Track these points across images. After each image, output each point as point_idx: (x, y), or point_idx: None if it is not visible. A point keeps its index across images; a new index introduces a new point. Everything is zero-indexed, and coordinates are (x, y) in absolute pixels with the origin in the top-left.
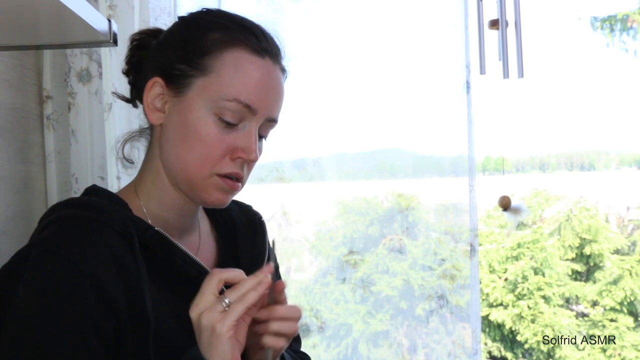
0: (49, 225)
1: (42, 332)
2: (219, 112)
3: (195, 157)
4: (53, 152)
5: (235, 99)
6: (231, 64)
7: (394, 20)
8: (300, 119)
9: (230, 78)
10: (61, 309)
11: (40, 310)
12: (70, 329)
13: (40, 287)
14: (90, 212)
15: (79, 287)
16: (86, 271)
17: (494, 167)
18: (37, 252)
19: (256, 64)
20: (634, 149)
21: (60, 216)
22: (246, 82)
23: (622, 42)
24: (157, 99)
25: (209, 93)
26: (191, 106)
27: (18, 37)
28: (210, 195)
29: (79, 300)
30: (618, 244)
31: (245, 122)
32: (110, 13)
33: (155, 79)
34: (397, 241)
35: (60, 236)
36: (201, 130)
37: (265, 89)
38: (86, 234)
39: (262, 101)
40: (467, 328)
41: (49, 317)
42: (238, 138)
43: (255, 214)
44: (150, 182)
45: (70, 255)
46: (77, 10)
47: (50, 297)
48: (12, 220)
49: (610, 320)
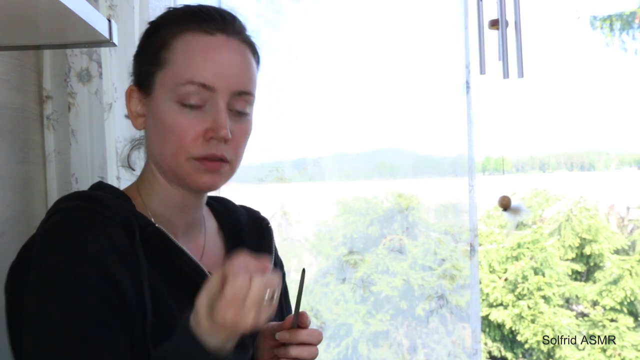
0: (52, 216)
1: (58, 314)
2: (179, 99)
3: (170, 148)
4: (53, 152)
5: (189, 81)
6: (181, 50)
7: (394, 20)
8: (300, 119)
9: (181, 63)
10: (70, 289)
11: (52, 294)
12: (81, 304)
13: (47, 273)
14: (93, 205)
15: (84, 270)
16: (89, 256)
17: (494, 167)
18: (42, 241)
19: (205, 43)
20: (634, 148)
21: (64, 207)
22: (197, 63)
23: (622, 42)
24: (137, 105)
25: (168, 84)
26: (158, 102)
27: (18, 37)
28: (196, 180)
29: (86, 280)
30: (618, 244)
31: (210, 102)
32: (110, 13)
33: (130, 87)
34: (397, 241)
35: (63, 226)
36: (168, 121)
37: (218, 65)
38: (89, 224)
39: (218, 77)
40: (467, 328)
41: (60, 301)
42: (206, 119)
43: (263, 220)
44: (148, 183)
45: (72, 244)
46: (77, 10)
47: (58, 281)
48: (12, 220)
49: (610, 320)
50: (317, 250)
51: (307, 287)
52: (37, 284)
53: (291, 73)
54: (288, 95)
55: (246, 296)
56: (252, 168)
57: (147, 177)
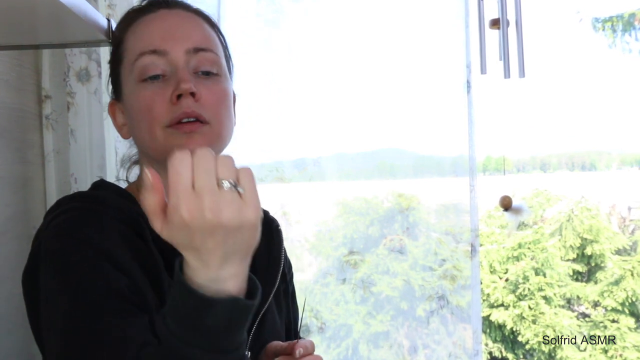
0: (58, 216)
1: (69, 307)
2: (139, 76)
3: (144, 127)
4: (52, 152)
5: (140, 53)
6: (131, 35)
7: (394, 20)
8: (300, 119)
9: (132, 44)
10: (81, 283)
11: (63, 287)
12: (97, 295)
13: (57, 266)
14: (98, 206)
15: (95, 261)
16: (100, 247)
17: (494, 167)
18: (50, 237)
19: (149, 19)
20: (636, 149)
21: (69, 208)
22: (144, 37)
23: (625, 43)
24: (119, 117)
25: (127, 70)
26: (126, 95)
27: (17, 37)
28: (173, 146)
29: (97, 271)
30: (619, 244)
31: (169, 67)
32: (109, 12)
33: (109, 102)
34: (398, 241)
35: (71, 222)
36: (135, 102)
37: (165, 30)
38: (97, 220)
39: (166, 39)
40: (467, 329)
41: (71, 294)
42: (170, 83)
43: (273, 221)
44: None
45: (84, 238)
46: (76, 9)
47: (68, 275)
48: (11, 220)
49: (611, 321)
50: (317, 250)
51: (307, 288)
52: (51, 280)
53: (291, 73)
54: (288, 95)
55: (191, 182)
56: (252, 168)
57: None
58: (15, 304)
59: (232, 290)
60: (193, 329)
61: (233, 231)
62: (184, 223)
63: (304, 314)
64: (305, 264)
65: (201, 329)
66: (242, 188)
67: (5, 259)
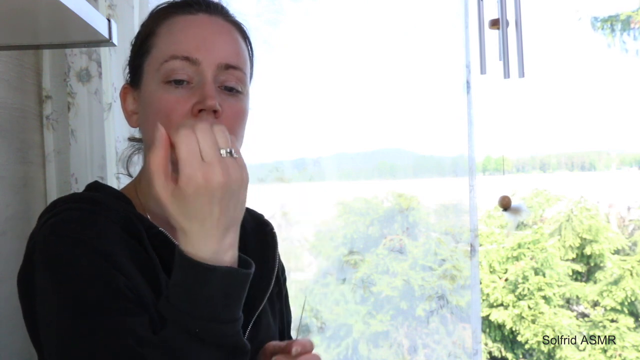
0: (53, 217)
1: (66, 305)
2: (164, 77)
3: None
4: (52, 152)
5: (172, 56)
6: (165, 31)
7: (394, 20)
8: (300, 119)
9: (165, 42)
10: (78, 281)
11: (59, 286)
12: (94, 293)
13: (53, 266)
14: (94, 207)
15: (93, 260)
16: (97, 247)
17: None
18: (46, 237)
19: (188, 21)
20: (635, 149)
21: (65, 209)
22: (180, 39)
23: (623, 42)
24: (130, 104)
25: (153, 66)
26: (147, 89)
27: (17, 37)
28: None
29: (96, 269)
30: (619, 244)
31: (197, 77)
32: (109, 13)
33: (123, 86)
34: (398, 241)
35: (67, 222)
36: (156, 102)
37: (202, 38)
38: (93, 221)
39: (201, 49)
40: (467, 328)
41: (67, 292)
42: (193, 93)
43: (267, 224)
44: (146, 184)
45: (80, 238)
46: (76, 9)
47: (64, 274)
48: (12, 220)
49: (610, 321)
50: (317, 250)
51: (307, 288)
52: (47, 280)
53: (291, 73)
54: (288, 95)
55: (199, 150)
56: (252, 168)
57: (145, 177)
58: (16, 304)
59: (229, 262)
60: (194, 300)
61: (237, 192)
62: (199, 190)
63: (304, 313)
64: (305, 264)
65: (201, 299)
66: (237, 153)
67: (6, 259)
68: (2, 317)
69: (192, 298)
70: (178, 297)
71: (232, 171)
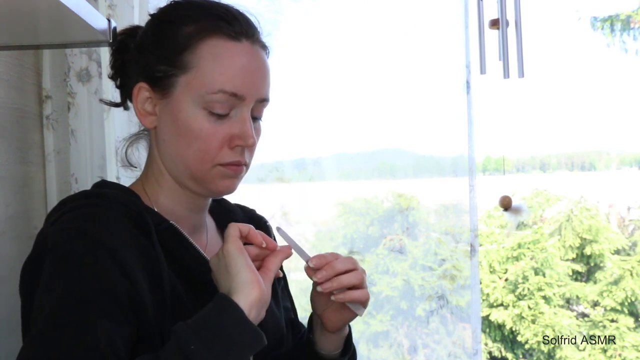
0: (65, 214)
1: (66, 303)
2: (207, 106)
3: (195, 153)
4: (52, 152)
5: (220, 90)
6: (209, 55)
7: (394, 20)
8: (300, 119)
9: (211, 70)
10: (82, 279)
11: (63, 284)
12: (88, 292)
13: (60, 260)
14: (103, 202)
15: (100, 259)
16: (107, 245)
17: (494, 167)
18: (57, 233)
19: (234, 50)
20: (635, 149)
21: (75, 206)
22: (227, 71)
23: (623, 42)
24: (147, 103)
25: (194, 89)
26: (180, 105)
27: (17, 37)
28: (218, 185)
29: (100, 270)
30: (619, 244)
31: (236, 109)
32: (109, 12)
33: (140, 84)
34: (398, 241)
35: (77, 218)
36: (194, 126)
37: (248, 73)
38: (104, 217)
39: (247, 86)
40: (467, 328)
41: (65, 287)
42: (232, 126)
43: (261, 218)
44: (156, 183)
45: (91, 233)
46: (76, 9)
47: (72, 270)
48: (11, 220)
49: (610, 321)
50: (317, 250)
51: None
52: (52, 272)
53: (291, 73)
54: (288, 95)
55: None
56: (252, 168)
57: (153, 175)
58: (16, 304)
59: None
60: (214, 336)
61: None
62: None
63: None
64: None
65: (222, 338)
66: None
67: (5, 259)
68: (2, 317)
69: (213, 333)
70: (199, 328)
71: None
